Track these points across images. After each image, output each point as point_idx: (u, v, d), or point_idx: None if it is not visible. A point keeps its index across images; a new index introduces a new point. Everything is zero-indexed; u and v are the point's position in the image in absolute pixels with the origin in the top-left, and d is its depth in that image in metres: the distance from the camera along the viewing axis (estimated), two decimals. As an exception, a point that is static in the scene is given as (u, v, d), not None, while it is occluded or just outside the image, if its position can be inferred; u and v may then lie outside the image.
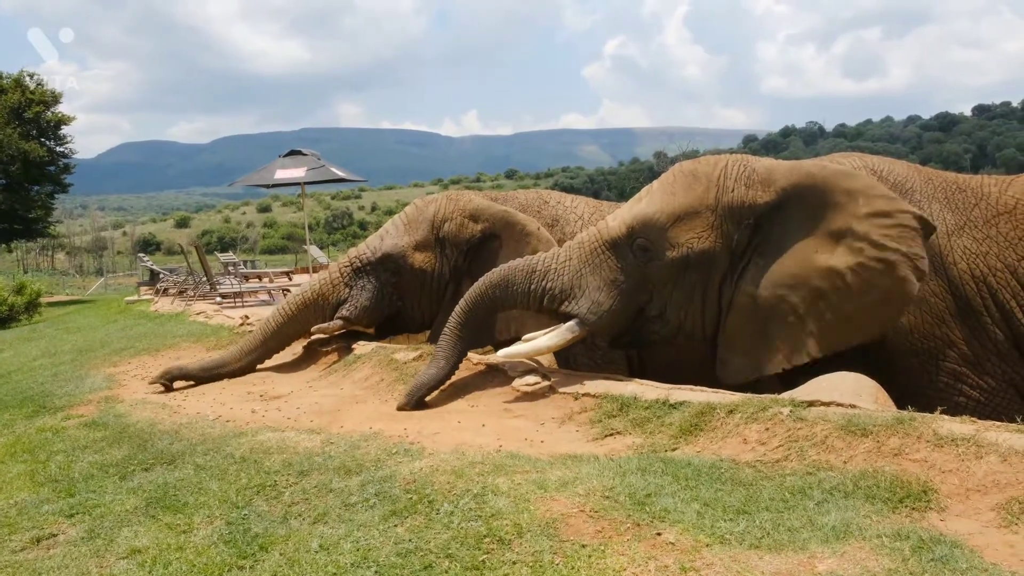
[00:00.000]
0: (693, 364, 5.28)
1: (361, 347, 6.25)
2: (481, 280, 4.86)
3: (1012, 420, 3.29)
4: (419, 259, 6.31)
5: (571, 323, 4.66)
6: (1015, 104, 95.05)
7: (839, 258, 4.31)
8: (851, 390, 3.73)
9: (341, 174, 14.22)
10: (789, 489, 2.95)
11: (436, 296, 6.41)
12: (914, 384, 4.49)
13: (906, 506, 2.76)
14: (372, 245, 6.47)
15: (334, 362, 6.25)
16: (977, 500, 2.77)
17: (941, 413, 3.28)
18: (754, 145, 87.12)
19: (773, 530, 2.59)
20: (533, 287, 4.74)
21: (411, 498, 3.15)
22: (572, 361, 6.03)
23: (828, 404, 3.59)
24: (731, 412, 3.76)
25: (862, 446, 3.20)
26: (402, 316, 6.52)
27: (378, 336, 6.61)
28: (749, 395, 3.95)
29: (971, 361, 4.41)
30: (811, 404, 3.61)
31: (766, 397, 3.83)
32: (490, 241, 6.29)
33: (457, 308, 4.92)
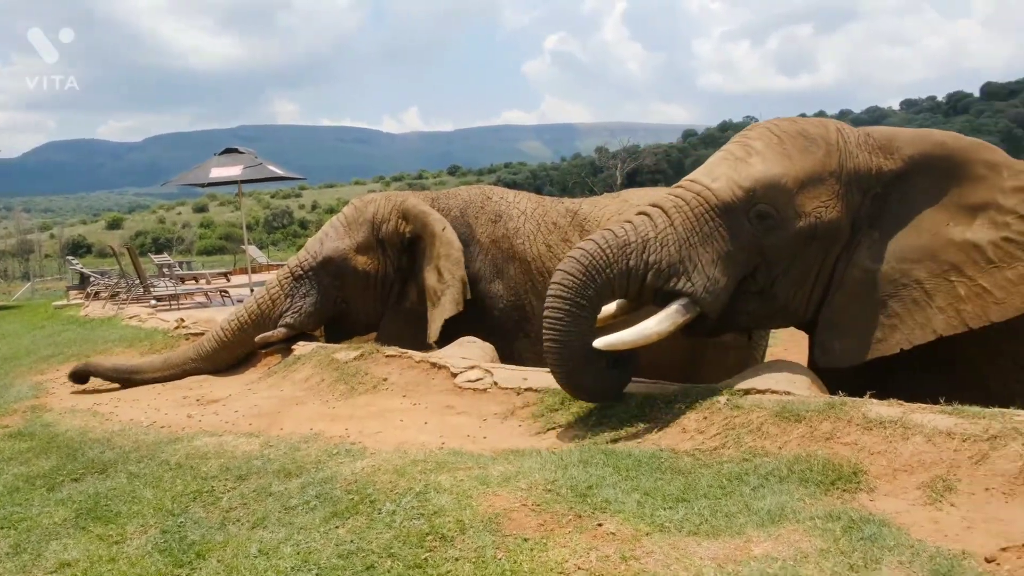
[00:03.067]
0: (677, 365, 5.29)
1: (302, 348, 6.16)
2: (563, 275, 3.91)
3: None
4: (362, 261, 6.27)
5: (679, 304, 3.92)
6: (940, 98, 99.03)
7: (978, 232, 3.97)
8: (785, 377, 3.82)
9: (279, 172, 13.96)
10: (726, 476, 3.01)
11: (381, 297, 6.37)
12: (976, 368, 4.18)
13: (837, 488, 2.85)
14: (312, 249, 6.39)
15: (274, 364, 6.15)
16: (904, 480, 2.87)
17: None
18: (693, 140, 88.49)
19: (711, 516, 2.65)
20: (632, 264, 3.93)
21: (352, 499, 3.11)
22: (517, 356, 6.05)
23: (764, 392, 3.67)
24: (670, 402, 3.83)
25: (796, 431, 3.28)
26: (347, 319, 6.47)
27: (328, 340, 6.54)
28: (688, 385, 4.02)
29: None
30: (747, 392, 3.69)
31: (704, 387, 3.90)
32: (418, 242, 6.32)
33: (553, 322, 3.87)
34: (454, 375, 4.90)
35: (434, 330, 5.97)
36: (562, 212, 6.46)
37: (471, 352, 5.33)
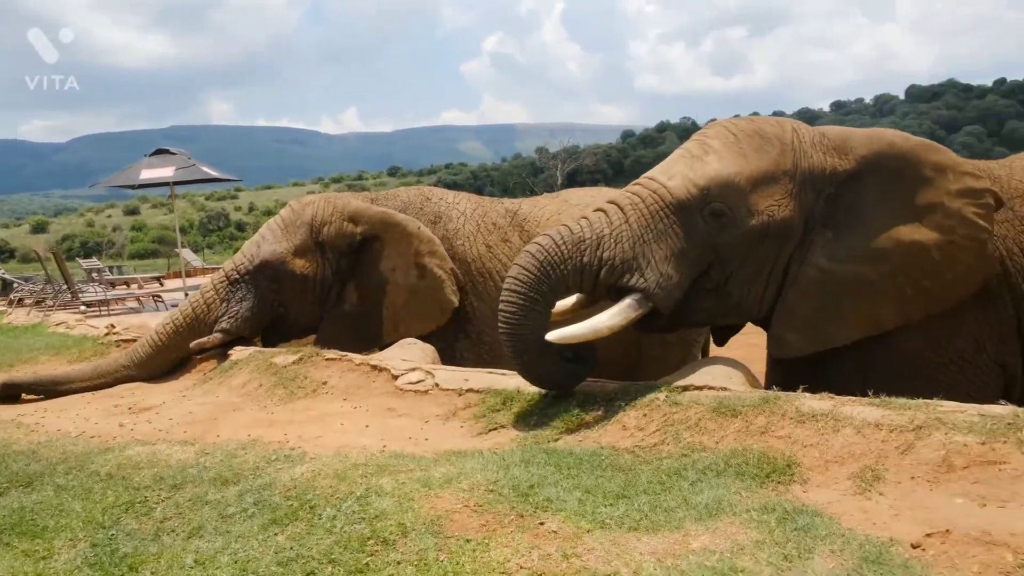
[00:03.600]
0: (620, 362, 5.35)
1: (238, 352, 6.02)
2: (519, 270, 3.99)
3: (994, 400, 3.27)
4: (299, 264, 6.17)
5: (632, 299, 3.98)
6: (868, 100, 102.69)
7: (925, 233, 4.10)
8: (722, 373, 3.90)
9: (213, 173, 13.65)
10: (665, 471, 3.06)
11: (319, 301, 6.28)
12: (923, 361, 4.30)
13: (772, 480, 2.92)
14: (248, 253, 6.26)
15: (210, 370, 6.00)
16: (835, 471, 2.96)
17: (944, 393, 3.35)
18: (632, 140, 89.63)
19: (651, 512, 2.68)
20: (586, 260, 4.00)
21: (292, 505, 3.06)
22: (457, 356, 6.04)
23: (701, 388, 3.74)
24: (611, 400, 3.87)
25: (732, 426, 3.35)
26: (285, 323, 6.36)
27: (265, 345, 6.43)
28: (628, 383, 4.07)
29: (976, 340, 4.28)
30: (686, 389, 3.75)
31: (643, 384, 3.96)
32: (371, 243, 6.21)
33: (508, 315, 3.96)
34: (395, 377, 4.86)
35: (428, 325, 6.02)
36: (502, 213, 6.47)
37: (412, 354, 5.31)
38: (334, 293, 6.25)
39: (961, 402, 3.26)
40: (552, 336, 3.89)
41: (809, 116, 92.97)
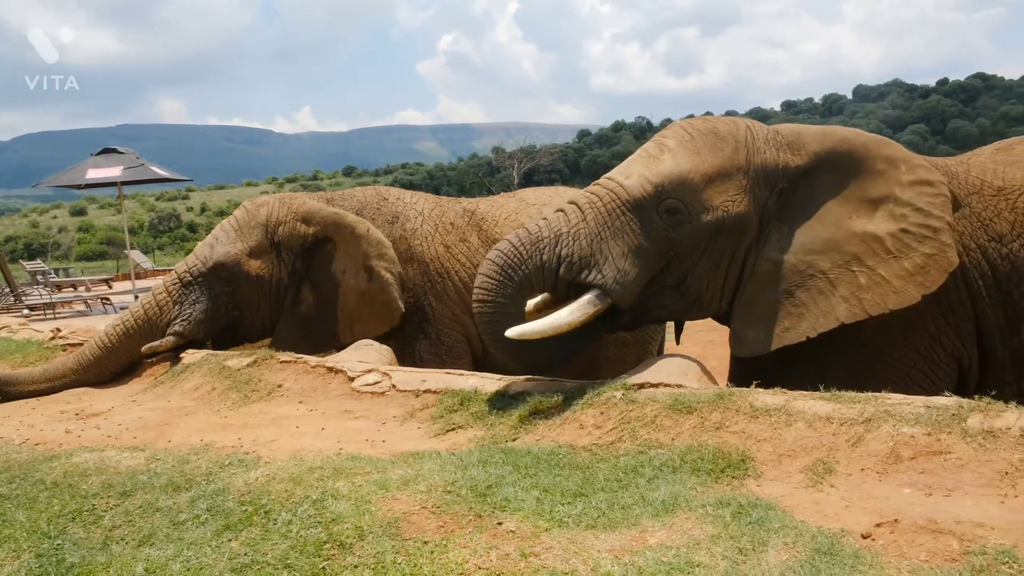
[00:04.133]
0: (579, 361, 5.35)
1: (191, 355, 5.91)
2: (483, 279, 4.13)
3: (946, 392, 3.33)
4: (254, 266, 6.06)
5: (591, 295, 4.08)
6: (817, 100, 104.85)
7: (878, 224, 4.17)
8: (677, 370, 3.94)
9: (163, 173, 13.38)
10: (623, 469, 3.08)
11: (275, 303, 6.18)
12: (881, 356, 4.36)
13: (727, 475, 2.96)
14: (201, 255, 6.14)
15: (161, 374, 5.88)
16: (788, 464, 3.01)
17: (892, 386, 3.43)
18: (588, 139, 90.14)
19: (608, 509, 2.70)
20: (545, 258, 4.11)
21: (246, 510, 3.01)
22: (416, 357, 6.01)
23: (657, 385, 3.78)
24: (568, 399, 3.88)
25: (688, 422, 3.39)
26: (240, 326, 6.26)
27: (218, 349, 6.31)
28: (585, 382, 4.09)
29: (932, 335, 4.34)
30: (641, 386, 3.78)
31: (600, 382, 3.98)
32: (324, 244, 6.15)
33: (484, 325, 4.15)
34: (351, 379, 4.81)
35: (378, 328, 5.97)
36: (460, 212, 6.46)
37: (368, 355, 5.26)
38: (290, 295, 6.17)
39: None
40: (511, 333, 3.98)
41: (761, 115, 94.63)
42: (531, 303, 4.29)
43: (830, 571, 2.20)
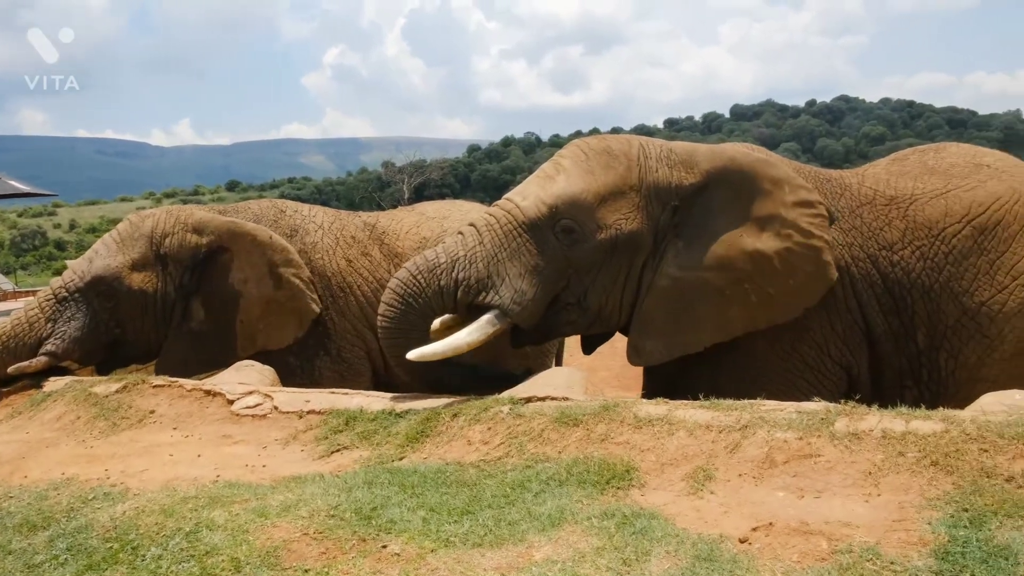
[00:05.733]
0: None
1: (52, 383, 5.49)
2: (385, 307, 4.28)
3: (836, 401, 3.41)
4: (137, 279, 5.68)
5: (490, 315, 4.19)
6: (697, 118, 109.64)
7: (766, 242, 4.33)
8: (563, 383, 3.97)
9: (24, 188, 12.53)
10: (510, 484, 3.07)
11: (162, 319, 5.80)
12: (768, 366, 4.52)
13: (612, 486, 2.99)
14: (79, 269, 5.70)
15: (19, 403, 5.44)
16: (670, 473, 3.08)
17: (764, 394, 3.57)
18: (478, 154, 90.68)
19: (495, 526, 2.67)
20: (443, 283, 4.21)
21: (111, 547, 2.81)
22: (316, 375, 5.81)
23: (544, 399, 3.79)
24: (455, 415, 3.84)
25: (574, 435, 3.42)
26: (123, 345, 5.83)
27: (100, 372, 5.89)
28: (472, 397, 4.06)
29: (820, 345, 4.49)
30: (528, 400, 3.79)
31: (488, 398, 3.96)
32: (218, 255, 5.82)
33: (391, 356, 4.35)
34: (231, 402, 4.60)
35: (288, 336, 5.77)
36: (360, 226, 6.32)
37: (249, 376, 5.05)
38: (178, 310, 5.83)
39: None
40: (412, 355, 4.09)
41: (645, 131, 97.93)
42: (439, 321, 4.35)
43: (709, 577, 2.25)
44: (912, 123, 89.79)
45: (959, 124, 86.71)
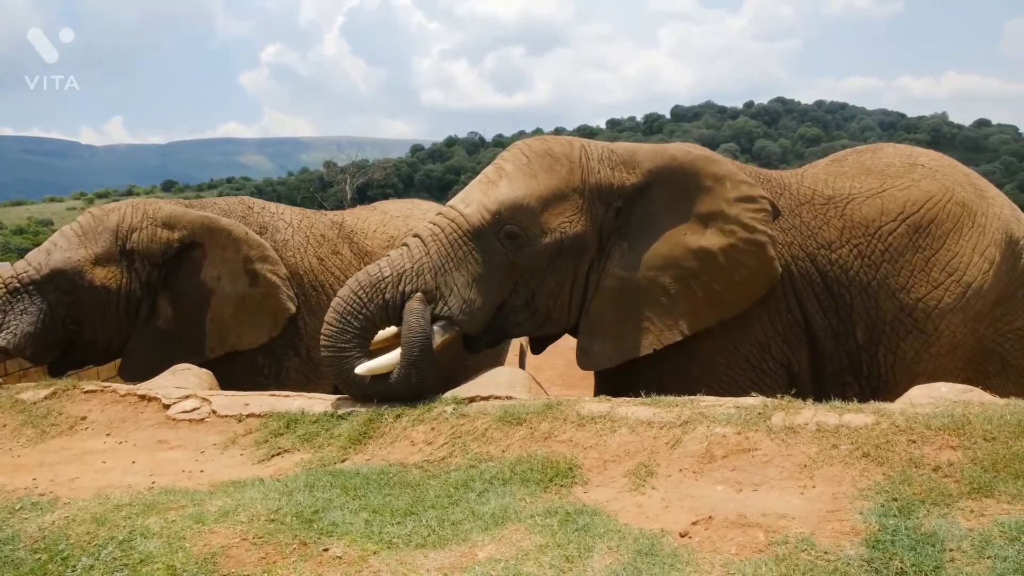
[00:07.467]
0: (439, 379, 5.26)
1: (-25, 389, 5.27)
2: (326, 326, 4.17)
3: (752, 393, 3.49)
4: (100, 275, 5.39)
5: (437, 326, 4.16)
6: (639, 119, 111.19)
7: (710, 239, 4.34)
8: (507, 382, 3.98)
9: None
10: (453, 484, 3.06)
11: (125, 318, 5.53)
12: (711, 364, 4.54)
13: (556, 484, 3.01)
14: (36, 261, 5.37)
15: (-60, 411, 5.21)
16: (612, 469, 3.11)
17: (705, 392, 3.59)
18: (421, 154, 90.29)
19: (438, 527, 2.66)
20: (388, 296, 4.15)
21: (39, 559, 2.71)
22: (283, 376, 5.68)
23: (487, 398, 3.80)
24: (399, 416, 3.81)
25: (518, 434, 3.42)
26: (81, 344, 5.55)
27: (54, 373, 5.63)
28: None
29: (761, 343, 4.51)
30: (472, 400, 3.79)
31: (431, 397, 3.95)
32: (191, 251, 5.59)
33: (332, 371, 4.19)
34: (167, 407, 4.47)
35: (261, 336, 5.60)
36: (328, 224, 6.23)
37: (186, 380, 4.92)
38: (144, 308, 5.60)
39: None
40: (360, 369, 4.04)
41: (587, 132, 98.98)
42: (384, 334, 4.30)
43: (651, 571, 2.28)
44: (845, 124, 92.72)
45: (890, 126, 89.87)
